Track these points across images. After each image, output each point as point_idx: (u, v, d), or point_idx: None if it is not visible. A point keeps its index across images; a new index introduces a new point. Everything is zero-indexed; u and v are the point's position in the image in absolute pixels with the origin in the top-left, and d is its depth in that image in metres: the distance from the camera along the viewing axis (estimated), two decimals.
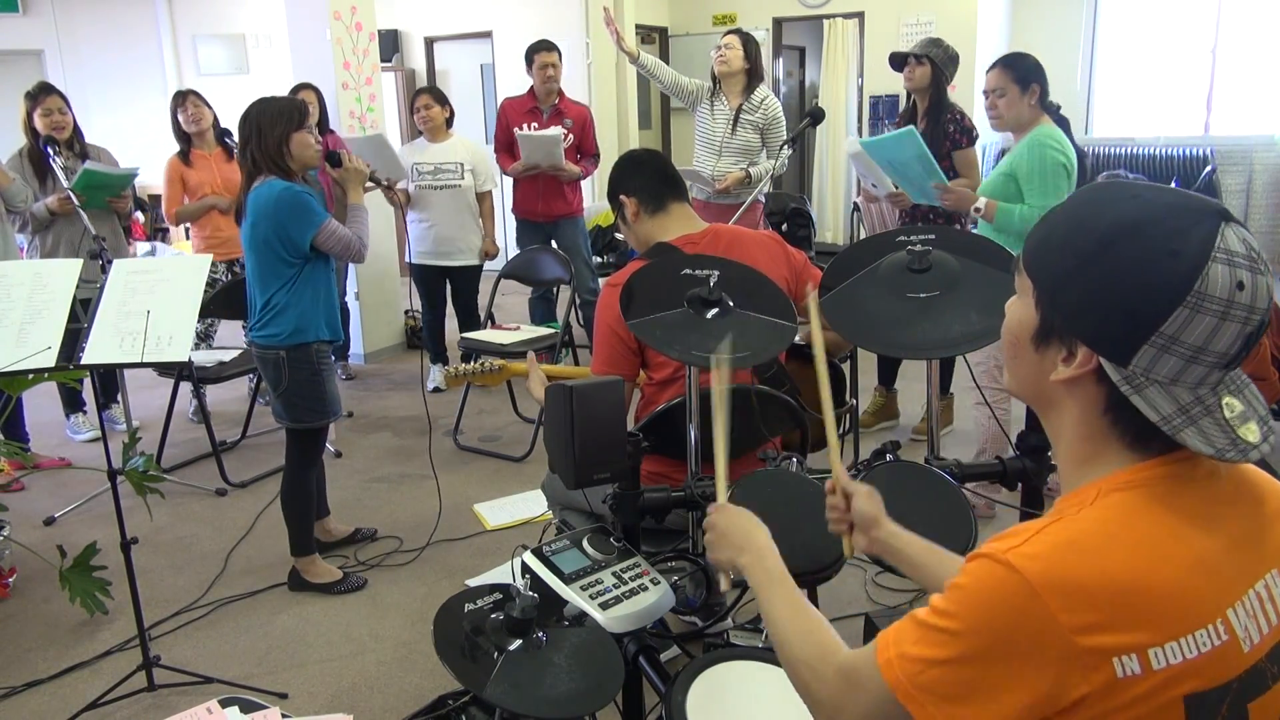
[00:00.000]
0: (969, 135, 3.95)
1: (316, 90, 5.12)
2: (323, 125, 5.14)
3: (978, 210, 3.41)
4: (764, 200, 4.83)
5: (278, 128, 2.93)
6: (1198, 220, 0.89)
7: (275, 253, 2.94)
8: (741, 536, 1.29)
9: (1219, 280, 0.87)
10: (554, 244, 5.29)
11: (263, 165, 2.94)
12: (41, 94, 4.27)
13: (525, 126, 5.20)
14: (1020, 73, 3.30)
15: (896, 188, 3.89)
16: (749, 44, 4.59)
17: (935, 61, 4.01)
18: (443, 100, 5.09)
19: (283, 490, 3.19)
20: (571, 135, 5.20)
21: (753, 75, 4.61)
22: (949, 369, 4.48)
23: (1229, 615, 0.90)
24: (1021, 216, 3.25)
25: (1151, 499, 0.92)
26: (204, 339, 4.99)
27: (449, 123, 5.10)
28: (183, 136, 4.76)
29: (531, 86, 5.23)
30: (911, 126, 3.68)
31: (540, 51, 5.14)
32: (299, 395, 3.05)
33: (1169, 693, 0.87)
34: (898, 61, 4.12)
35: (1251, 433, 0.91)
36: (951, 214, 3.85)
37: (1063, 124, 3.38)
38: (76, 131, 4.39)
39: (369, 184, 3.31)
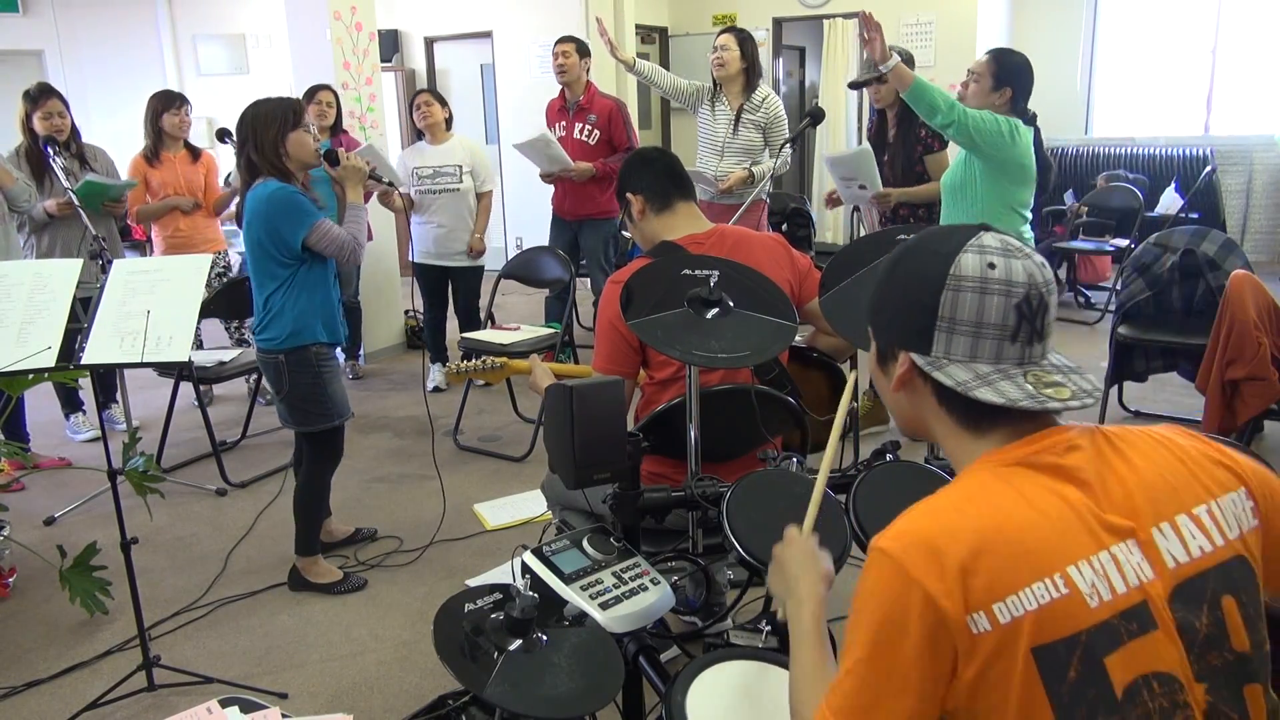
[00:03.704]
0: (940, 138, 3.98)
1: (333, 91, 5.13)
2: (336, 126, 5.14)
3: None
4: (767, 200, 4.81)
5: (272, 129, 2.90)
6: (957, 232, 1.10)
7: (268, 253, 2.92)
8: (793, 576, 1.29)
9: (970, 264, 1.07)
10: (579, 243, 5.34)
11: (261, 167, 2.92)
12: (42, 96, 4.26)
13: (556, 127, 5.23)
14: (1001, 70, 3.31)
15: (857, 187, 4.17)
16: (745, 43, 4.53)
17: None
18: (442, 101, 5.09)
19: (298, 490, 3.17)
20: (598, 131, 5.17)
21: (751, 74, 4.56)
22: None
23: (1069, 572, 0.98)
24: (939, 94, 3.19)
25: (1003, 472, 1.05)
26: (239, 344, 5.02)
27: (448, 124, 5.09)
28: (155, 135, 4.74)
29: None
30: (867, 145, 4.14)
31: (557, 44, 5.15)
32: (301, 399, 3.03)
33: (1017, 646, 0.95)
34: (860, 89, 4.19)
35: (1060, 393, 1.05)
36: (930, 213, 3.98)
37: (1034, 130, 3.38)
38: (74, 133, 4.39)
39: (370, 182, 3.26)
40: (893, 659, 0.98)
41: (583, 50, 5.16)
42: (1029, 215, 3.41)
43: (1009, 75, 3.30)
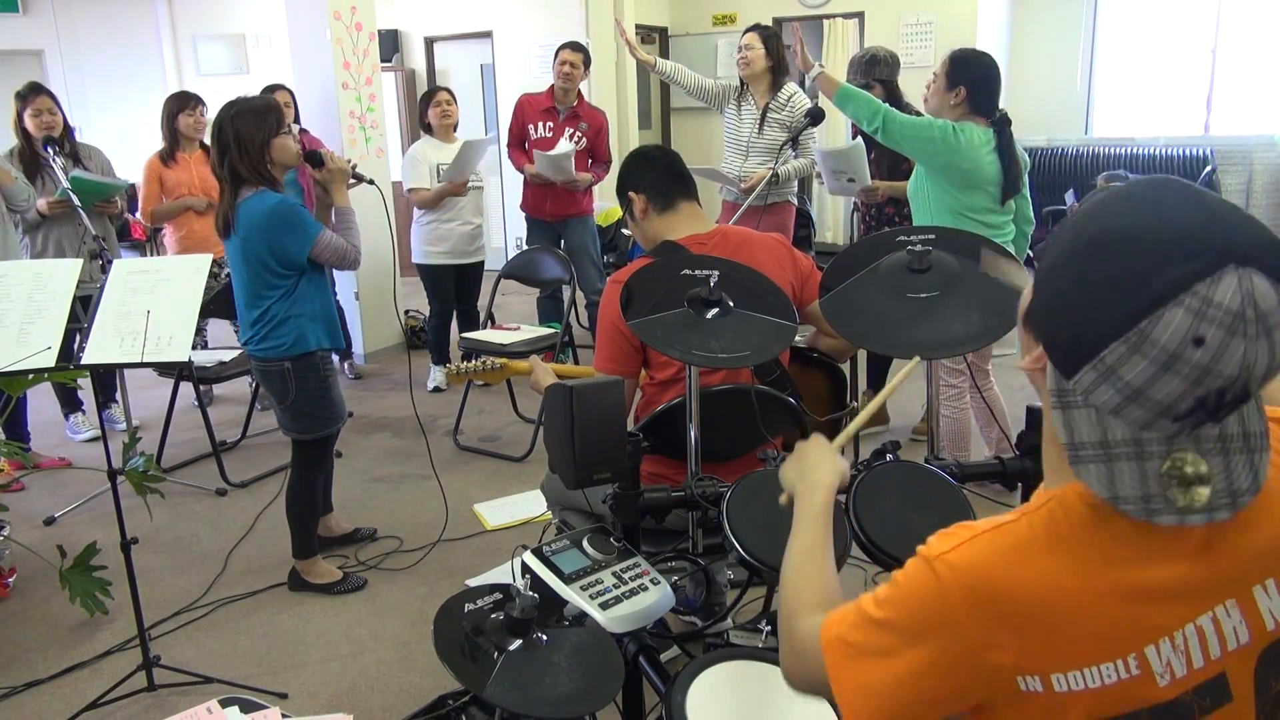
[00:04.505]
0: None
1: (288, 90, 5.15)
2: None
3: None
4: (795, 201, 4.75)
5: (259, 135, 2.83)
6: (1195, 255, 0.78)
7: (268, 267, 2.87)
8: (809, 466, 1.28)
9: (1172, 327, 0.78)
10: (562, 242, 5.33)
11: (247, 176, 2.85)
12: (31, 94, 4.26)
13: (539, 126, 5.22)
14: (953, 71, 3.32)
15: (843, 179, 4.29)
16: (770, 40, 4.51)
17: (883, 81, 4.14)
18: (456, 101, 5.16)
19: (288, 495, 3.16)
20: (585, 139, 5.19)
21: (777, 72, 4.53)
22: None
23: (1146, 652, 0.87)
24: (864, 100, 3.31)
25: (1098, 517, 0.88)
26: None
27: (456, 125, 5.15)
28: (171, 136, 4.76)
29: (551, 85, 5.24)
30: (859, 141, 4.16)
31: (565, 49, 5.15)
32: (308, 405, 3.01)
33: (1070, 713, 0.88)
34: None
35: (1197, 495, 0.83)
36: (904, 208, 4.02)
37: (1003, 129, 3.31)
38: (67, 131, 4.38)
39: (351, 181, 3.20)
40: (918, 660, 0.90)
41: (587, 60, 5.19)
42: (994, 221, 3.30)
43: (962, 74, 3.28)
